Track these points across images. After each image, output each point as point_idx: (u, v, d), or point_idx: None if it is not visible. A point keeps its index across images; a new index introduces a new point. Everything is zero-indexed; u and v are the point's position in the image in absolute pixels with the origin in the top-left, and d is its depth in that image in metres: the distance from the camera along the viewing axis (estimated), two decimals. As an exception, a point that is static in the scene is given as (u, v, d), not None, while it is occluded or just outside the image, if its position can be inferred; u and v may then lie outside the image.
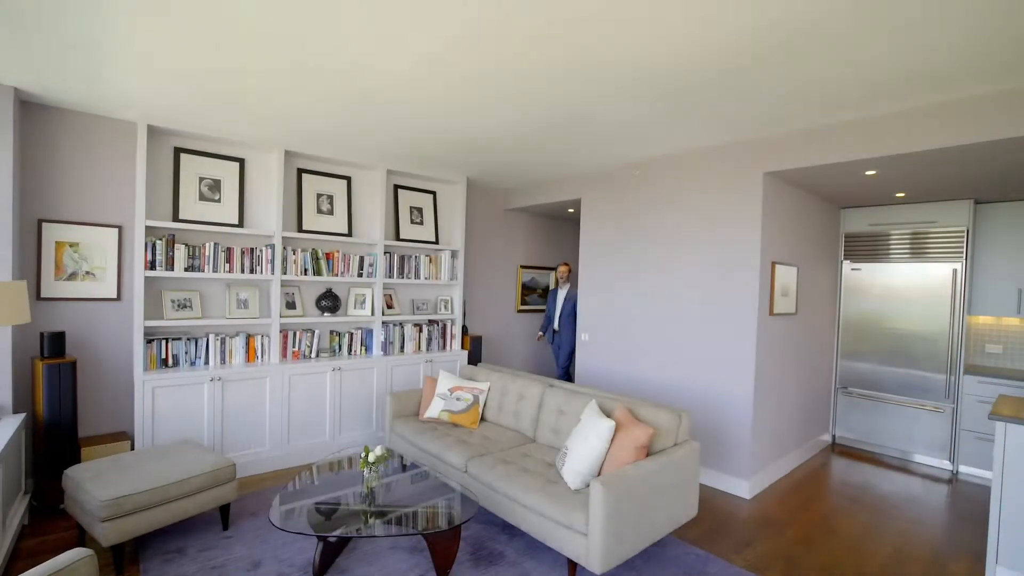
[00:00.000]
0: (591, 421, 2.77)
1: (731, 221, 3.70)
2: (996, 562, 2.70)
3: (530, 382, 3.64)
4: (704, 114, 3.15)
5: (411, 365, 4.58)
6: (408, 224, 4.86)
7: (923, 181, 3.71)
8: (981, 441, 4.18)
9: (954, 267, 4.27)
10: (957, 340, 4.25)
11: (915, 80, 2.56)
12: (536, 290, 6.22)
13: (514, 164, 4.60)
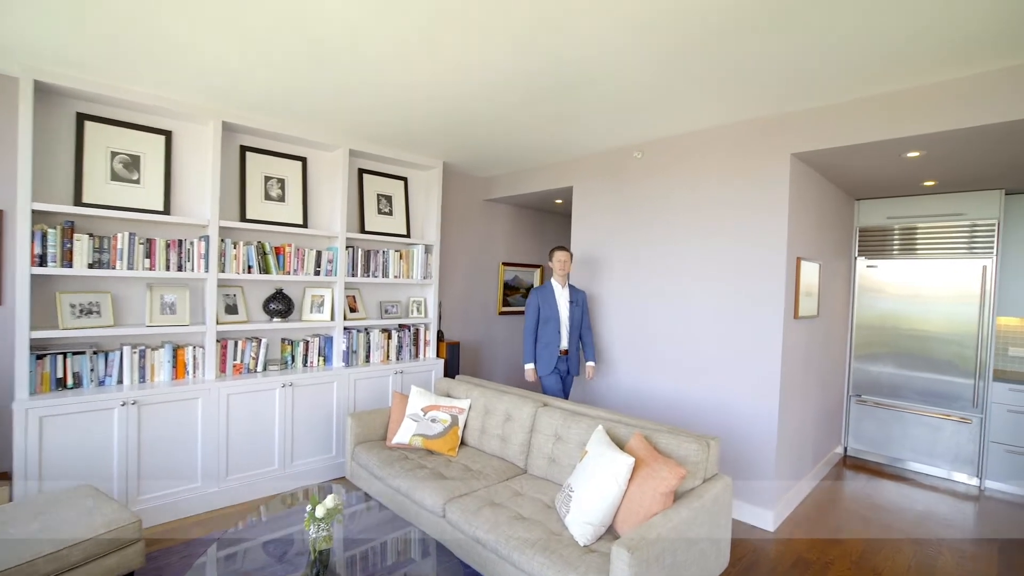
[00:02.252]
0: (601, 455, 2.21)
1: (752, 211, 3.19)
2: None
3: (519, 400, 3.06)
4: (723, 80, 2.62)
5: (378, 377, 3.95)
6: (375, 214, 4.22)
7: (961, 166, 3.28)
8: (1012, 455, 3.80)
9: (984, 264, 3.88)
10: (987, 343, 3.86)
11: (980, 40, 2.09)
12: (519, 290, 5.65)
13: (497, 146, 4.01)
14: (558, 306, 3.73)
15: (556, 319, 3.70)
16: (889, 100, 2.68)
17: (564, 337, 3.71)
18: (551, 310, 3.72)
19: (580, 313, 3.77)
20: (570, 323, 3.72)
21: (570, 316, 3.72)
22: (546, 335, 3.71)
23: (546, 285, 3.76)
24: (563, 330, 3.71)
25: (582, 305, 3.79)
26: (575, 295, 3.77)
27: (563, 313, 3.73)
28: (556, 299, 3.73)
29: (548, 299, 3.74)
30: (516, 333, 5.63)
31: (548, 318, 3.71)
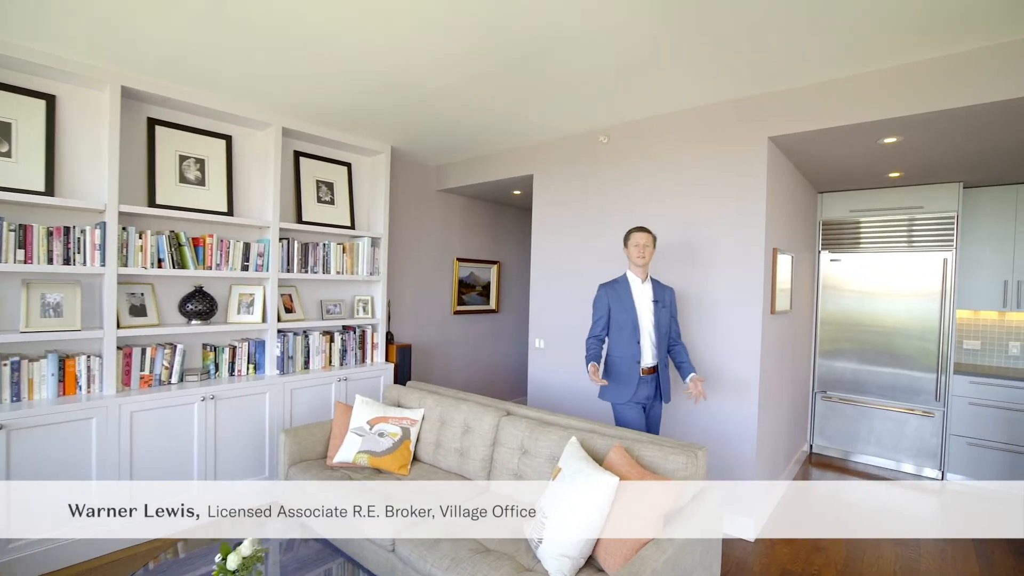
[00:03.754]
0: (578, 473, 1.90)
1: (729, 199, 2.99)
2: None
3: (479, 409, 2.72)
4: (701, 54, 2.39)
5: (319, 386, 3.50)
6: (314, 203, 3.75)
7: (927, 157, 3.21)
8: (972, 447, 3.81)
9: (945, 257, 3.87)
10: (948, 337, 3.85)
11: (963, 18, 1.94)
12: (475, 287, 5.30)
13: (450, 129, 3.64)
14: (637, 307, 2.73)
15: (634, 325, 2.70)
16: (871, 79, 2.53)
17: (648, 350, 2.71)
18: (626, 312, 2.72)
19: (668, 317, 2.80)
20: (656, 330, 2.72)
21: (655, 321, 2.72)
22: (620, 347, 2.73)
23: (619, 279, 2.82)
24: (646, 340, 2.71)
25: (670, 306, 2.82)
26: (660, 292, 2.79)
27: (644, 316, 2.72)
28: (634, 297, 2.75)
29: (623, 298, 2.74)
30: (473, 334, 5.27)
31: (623, 324, 2.72)
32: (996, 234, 3.95)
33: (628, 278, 2.80)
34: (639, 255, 2.73)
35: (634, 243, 2.74)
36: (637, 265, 2.75)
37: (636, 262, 2.74)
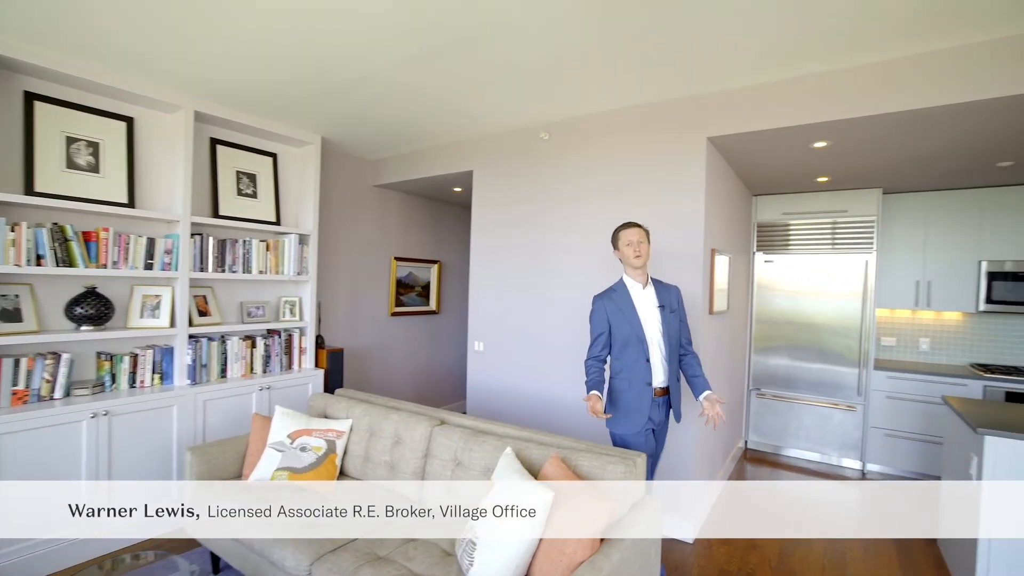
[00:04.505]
0: (512, 488, 1.77)
1: (669, 198, 2.96)
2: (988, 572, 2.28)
3: (411, 418, 2.54)
4: (643, 51, 2.33)
5: (238, 396, 3.20)
6: (233, 196, 3.43)
7: (852, 163, 3.33)
8: (889, 438, 4.02)
9: (866, 258, 4.06)
10: (869, 334, 4.04)
11: (892, 27, 1.98)
12: (415, 288, 5.09)
13: (386, 119, 3.43)
14: (641, 317, 2.31)
15: (640, 338, 2.29)
16: (805, 83, 2.56)
17: (659, 366, 2.32)
18: (630, 325, 2.30)
19: (677, 323, 2.39)
20: (665, 341, 2.32)
21: (664, 329, 2.32)
22: (627, 367, 2.32)
23: (615, 287, 2.40)
24: (656, 354, 2.32)
25: (678, 309, 2.41)
26: (664, 294, 2.38)
27: (651, 326, 2.32)
28: (635, 306, 2.33)
29: (623, 308, 2.33)
30: (412, 336, 5.06)
31: (627, 339, 2.31)
32: (909, 238, 4.19)
33: (626, 283, 2.38)
34: (635, 254, 2.30)
35: (626, 241, 2.33)
36: (634, 267, 2.34)
37: (633, 263, 2.32)
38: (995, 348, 4.12)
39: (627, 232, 2.36)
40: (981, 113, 2.40)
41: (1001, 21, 2.04)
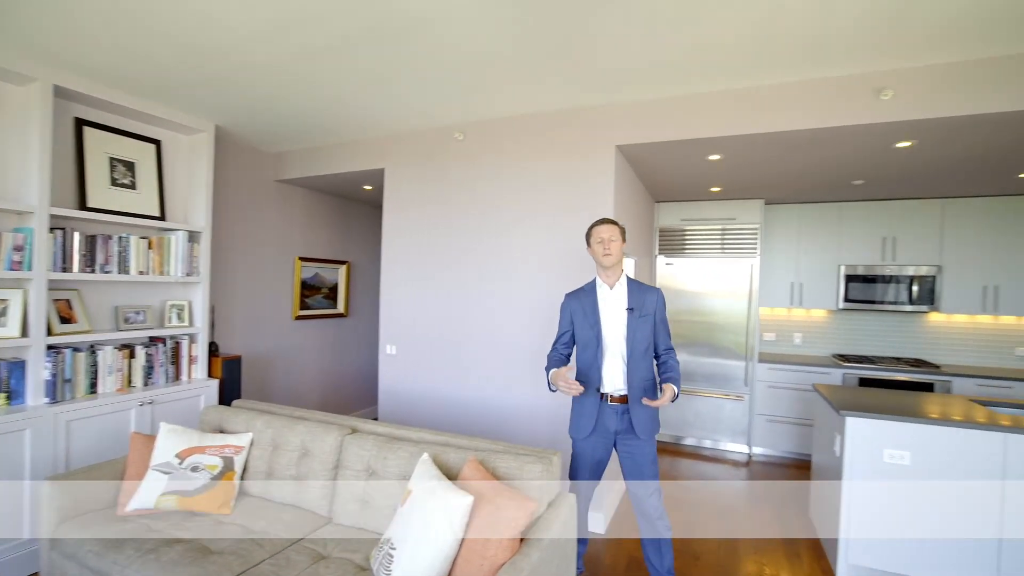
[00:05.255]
0: (430, 494, 1.73)
1: (580, 202, 3.07)
2: (847, 541, 2.61)
3: (319, 428, 2.40)
4: (555, 58, 2.39)
5: (112, 414, 2.82)
6: (106, 186, 3.03)
7: (739, 176, 3.67)
8: (770, 423, 4.48)
9: (751, 262, 4.49)
10: (753, 331, 4.48)
11: (785, 53, 2.23)
12: (321, 289, 4.82)
13: (290, 110, 3.21)
14: (602, 318, 2.25)
15: (597, 341, 2.23)
16: (704, 100, 2.78)
17: (615, 372, 2.23)
18: (590, 327, 2.25)
19: (649, 328, 2.24)
20: (628, 346, 2.21)
21: (628, 335, 2.21)
22: (583, 369, 2.29)
23: (586, 286, 2.37)
24: (613, 360, 2.23)
25: (653, 313, 2.25)
26: (638, 297, 2.25)
27: (612, 330, 2.24)
28: (599, 307, 2.27)
29: (586, 308, 2.28)
30: (319, 341, 4.79)
31: (586, 341, 2.27)
32: (786, 244, 4.71)
33: (596, 283, 2.33)
34: (604, 252, 2.22)
35: (597, 239, 2.25)
36: (604, 266, 2.26)
37: (602, 262, 2.24)
38: (851, 340, 4.75)
39: (599, 229, 2.27)
40: (837, 137, 2.75)
41: (855, 59, 2.35)
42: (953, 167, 3.31)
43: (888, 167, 3.35)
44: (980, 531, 2.41)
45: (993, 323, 4.37)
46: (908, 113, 2.43)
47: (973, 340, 4.43)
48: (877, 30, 2.11)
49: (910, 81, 2.42)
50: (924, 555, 2.50)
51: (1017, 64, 2.27)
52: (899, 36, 2.15)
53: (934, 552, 2.48)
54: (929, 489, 2.49)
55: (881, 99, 2.45)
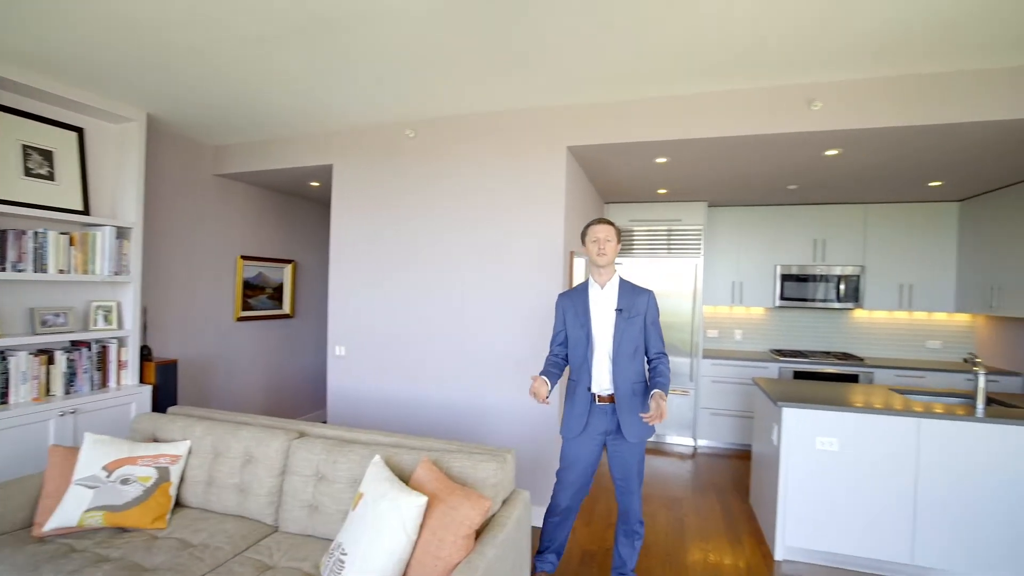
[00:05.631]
0: (382, 496, 1.70)
1: (531, 202, 3.10)
2: (784, 525, 2.77)
3: (264, 433, 2.30)
4: (506, 58, 2.41)
5: (27, 425, 2.59)
6: (18, 176, 2.78)
7: (685, 178, 3.82)
8: (714, 416, 4.68)
9: (695, 262, 4.68)
10: (698, 328, 4.67)
11: (727, 62, 2.34)
12: (265, 290, 4.62)
13: (230, 100, 3.06)
14: (592, 318, 2.29)
15: (586, 340, 2.27)
16: (652, 105, 2.87)
17: (602, 371, 2.26)
18: (580, 326, 2.29)
19: (638, 329, 2.26)
20: (615, 346, 2.24)
21: (616, 335, 2.24)
22: (575, 367, 2.32)
23: (579, 286, 2.40)
24: (600, 359, 2.27)
25: (644, 314, 2.27)
26: (628, 298, 2.27)
27: (601, 329, 2.27)
28: (589, 306, 2.31)
29: (577, 307, 2.32)
30: (264, 343, 4.59)
31: (576, 340, 2.30)
32: (727, 245, 4.94)
33: (588, 283, 2.36)
34: (598, 252, 2.25)
35: (591, 238, 2.27)
36: (597, 265, 2.28)
37: (596, 261, 2.27)
38: (787, 336, 5.04)
39: (594, 229, 2.29)
40: (773, 144, 2.91)
41: (788, 71, 2.50)
42: (874, 175, 3.58)
43: (818, 173, 3.58)
44: (897, 506, 2.62)
45: (908, 319, 4.76)
46: (835, 123, 2.61)
47: (891, 334, 4.80)
48: (807, 45, 2.25)
49: (837, 93, 2.59)
50: (851, 531, 2.68)
51: (931, 82, 2.48)
52: (827, 51, 2.30)
53: (859, 527, 2.67)
54: (855, 471, 2.68)
55: (812, 109, 2.61)
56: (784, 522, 2.78)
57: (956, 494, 2.56)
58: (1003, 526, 2.51)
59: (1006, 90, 2.40)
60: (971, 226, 4.25)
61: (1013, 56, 2.30)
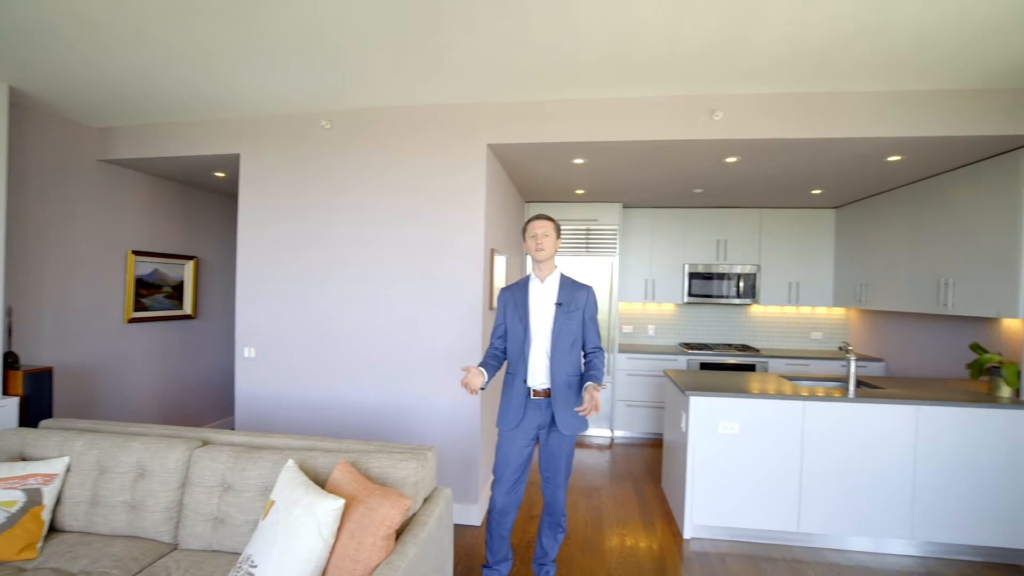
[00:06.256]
0: (296, 502, 1.62)
1: (452, 199, 3.08)
2: (692, 505, 2.97)
3: (161, 443, 2.10)
4: (428, 51, 2.39)
5: None
6: None
7: (601, 180, 3.99)
8: (629, 408, 4.93)
9: (612, 260, 4.89)
10: (615, 323, 4.89)
11: (636, 70, 2.48)
12: (163, 288, 4.23)
13: (116, 76, 2.77)
14: (531, 312, 2.31)
15: (524, 334, 2.29)
16: (569, 106, 2.96)
17: (539, 366, 2.28)
18: (519, 319, 2.30)
19: (576, 324, 2.29)
20: (553, 340, 2.26)
21: (554, 329, 2.27)
22: (512, 362, 2.34)
23: (521, 280, 2.42)
24: (538, 354, 2.28)
25: (582, 309, 2.31)
26: (568, 293, 2.31)
27: (539, 324, 2.29)
28: (529, 301, 2.33)
29: (518, 301, 2.33)
30: (159, 347, 4.19)
31: (515, 334, 2.32)
32: (641, 244, 5.21)
33: (529, 278, 2.39)
34: (536, 247, 2.28)
35: (530, 234, 2.31)
36: (536, 260, 2.32)
37: (535, 256, 2.30)
38: (695, 330, 5.41)
39: (533, 224, 2.32)
40: (680, 149, 3.12)
41: (694, 82, 2.69)
42: (767, 182, 3.95)
43: (720, 179, 3.88)
44: (787, 480, 2.91)
45: (796, 313, 5.29)
46: (734, 133, 2.84)
47: (782, 327, 5.31)
48: (710, 59, 2.44)
49: (736, 105, 2.83)
50: (748, 507, 2.94)
51: (813, 100, 2.77)
52: (729, 66, 2.51)
53: (755, 502, 2.94)
54: (752, 452, 2.94)
55: (714, 119, 2.83)
56: (692, 503, 2.98)
57: (834, 466, 2.89)
58: (872, 492, 2.86)
59: (872, 111, 2.74)
60: (845, 230, 4.80)
61: (877, 83, 2.63)
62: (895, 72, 2.52)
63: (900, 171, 3.47)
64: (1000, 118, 2.66)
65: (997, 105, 2.66)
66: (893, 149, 3.00)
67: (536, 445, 2.37)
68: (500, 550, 2.39)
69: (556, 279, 2.36)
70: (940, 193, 3.48)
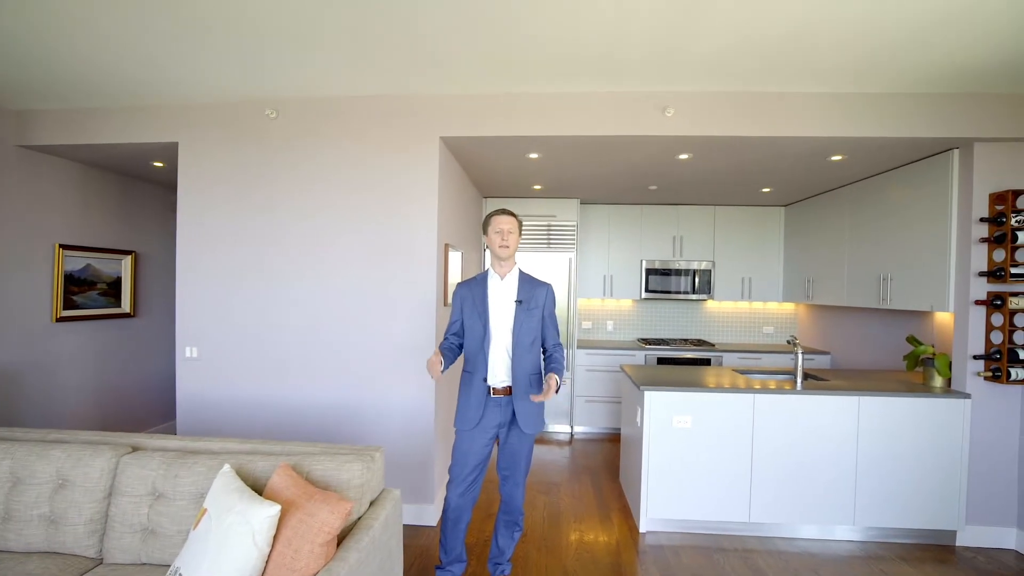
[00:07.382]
0: (229, 510, 1.53)
1: (404, 192, 3.01)
2: (647, 499, 3.00)
3: (84, 451, 1.95)
4: (378, 39, 2.31)
5: None
6: None
7: (557, 176, 3.98)
8: (589, 403, 4.96)
9: (570, 256, 4.90)
10: (574, 319, 4.90)
11: (595, 64, 2.47)
12: (96, 285, 3.96)
13: (47, 60, 2.55)
14: (490, 309, 2.25)
15: (483, 330, 2.23)
16: (525, 100, 2.93)
17: (500, 364, 2.24)
18: (478, 316, 2.24)
19: (536, 321, 2.27)
20: (514, 337, 2.23)
21: (515, 327, 2.23)
22: (470, 359, 2.28)
23: (478, 276, 2.36)
24: (498, 352, 2.24)
25: (542, 307, 2.29)
26: (528, 290, 2.28)
27: (499, 321, 2.24)
28: (488, 298, 2.27)
29: (476, 297, 2.27)
30: (92, 348, 3.93)
31: (473, 331, 2.26)
32: (599, 241, 5.25)
33: (488, 274, 2.33)
34: (501, 243, 2.23)
35: (495, 229, 2.25)
36: (499, 257, 2.27)
37: (498, 253, 2.25)
38: (652, 325, 5.49)
39: (498, 219, 2.26)
40: (634, 145, 3.13)
41: (646, 78, 2.70)
42: (719, 179, 4.03)
43: (673, 175, 3.93)
44: (737, 472, 2.98)
45: (748, 308, 5.45)
46: (685, 129, 2.88)
47: (736, 322, 5.46)
48: (660, 57, 2.45)
49: (687, 103, 2.86)
50: (702, 499, 2.99)
51: (761, 99, 2.83)
52: (678, 63, 2.53)
53: (708, 494, 2.99)
54: (705, 444, 2.99)
55: (666, 115, 2.85)
56: (647, 497, 3.02)
57: (782, 457, 2.97)
58: (818, 481, 2.97)
59: (815, 112, 2.82)
60: (793, 227, 4.97)
61: (818, 84, 2.71)
62: (833, 75, 2.60)
63: (843, 170, 3.60)
64: (933, 121, 2.79)
65: (929, 108, 2.78)
66: (836, 149, 3.11)
67: (495, 444, 2.33)
68: (454, 550, 2.34)
69: (516, 276, 2.33)
70: (880, 192, 3.64)
